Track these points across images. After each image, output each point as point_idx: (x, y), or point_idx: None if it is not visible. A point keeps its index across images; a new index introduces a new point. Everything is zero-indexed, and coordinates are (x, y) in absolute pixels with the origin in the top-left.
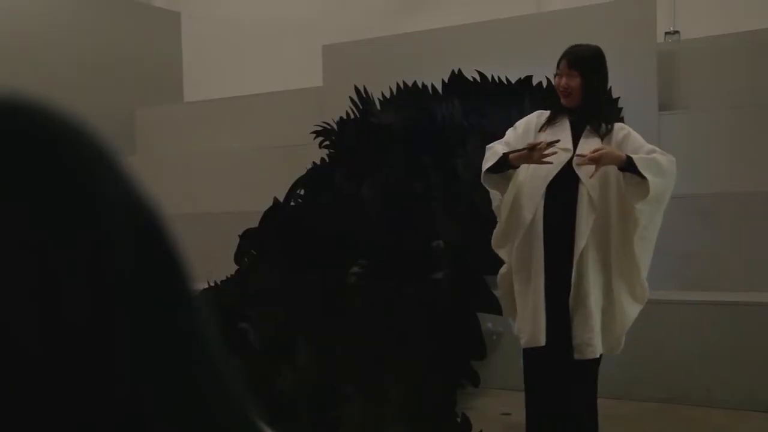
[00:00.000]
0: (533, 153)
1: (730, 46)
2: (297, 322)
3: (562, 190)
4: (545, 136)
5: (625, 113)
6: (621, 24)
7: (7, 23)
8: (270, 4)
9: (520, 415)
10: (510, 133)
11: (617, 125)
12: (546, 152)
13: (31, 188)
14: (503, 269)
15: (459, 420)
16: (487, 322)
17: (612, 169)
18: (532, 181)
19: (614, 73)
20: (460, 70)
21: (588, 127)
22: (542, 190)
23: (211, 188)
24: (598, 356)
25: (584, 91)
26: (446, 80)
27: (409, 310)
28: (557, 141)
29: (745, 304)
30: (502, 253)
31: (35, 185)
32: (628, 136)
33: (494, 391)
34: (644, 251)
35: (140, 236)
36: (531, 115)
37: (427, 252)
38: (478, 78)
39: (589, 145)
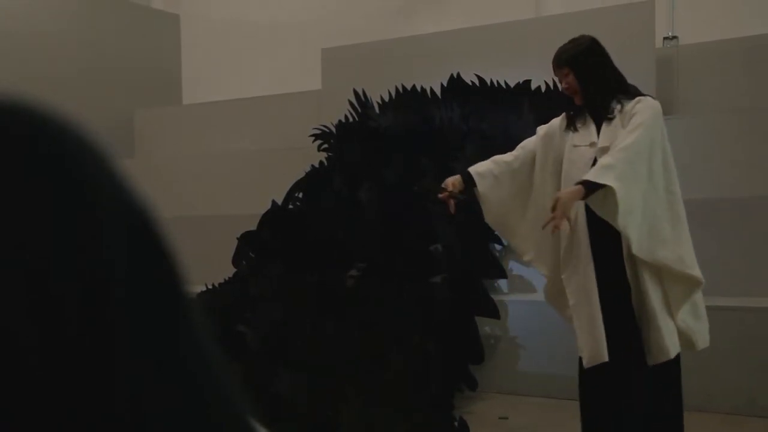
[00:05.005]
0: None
1: (729, 51)
2: (295, 325)
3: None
4: (573, 137)
5: None
6: (620, 29)
7: (6, 25)
8: (269, 7)
9: (517, 419)
10: (531, 138)
11: (635, 99)
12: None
13: (25, 189)
14: (546, 286)
15: (456, 424)
16: (485, 326)
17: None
18: (566, 185)
19: None
20: (459, 74)
21: (605, 117)
22: None
23: (210, 191)
24: (672, 357)
25: (582, 84)
26: (445, 84)
27: (407, 313)
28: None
29: (745, 309)
30: (533, 261)
31: (28, 186)
32: (627, 115)
33: (492, 395)
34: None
35: (135, 238)
36: (557, 118)
37: (425, 255)
38: (477, 82)
39: (607, 134)
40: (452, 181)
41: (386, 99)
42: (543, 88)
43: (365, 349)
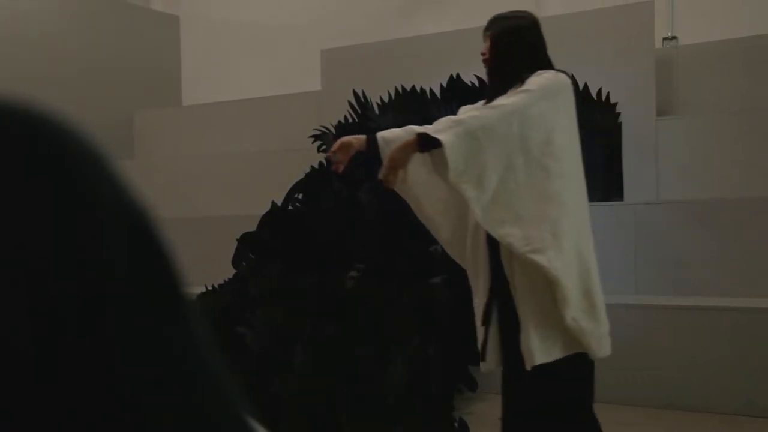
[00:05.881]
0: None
1: (728, 51)
2: (295, 326)
3: None
4: None
5: (623, 118)
6: (619, 30)
7: (7, 26)
8: (269, 8)
9: None
10: (452, 116)
11: (536, 73)
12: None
13: (25, 189)
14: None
15: (456, 424)
16: None
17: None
18: None
19: (613, 78)
20: (458, 75)
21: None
22: None
23: (210, 192)
24: (539, 362)
25: (492, 54)
26: (445, 85)
27: (407, 314)
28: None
29: (744, 310)
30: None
31: (28, 186)
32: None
33: (492, 396)
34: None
35: (134, 239)
36: (483, 100)
37: (425, 256)
38: (476, 83)
39: None
40: (351, 141)
41: (386, 100)
42: None
43: (365, 349)
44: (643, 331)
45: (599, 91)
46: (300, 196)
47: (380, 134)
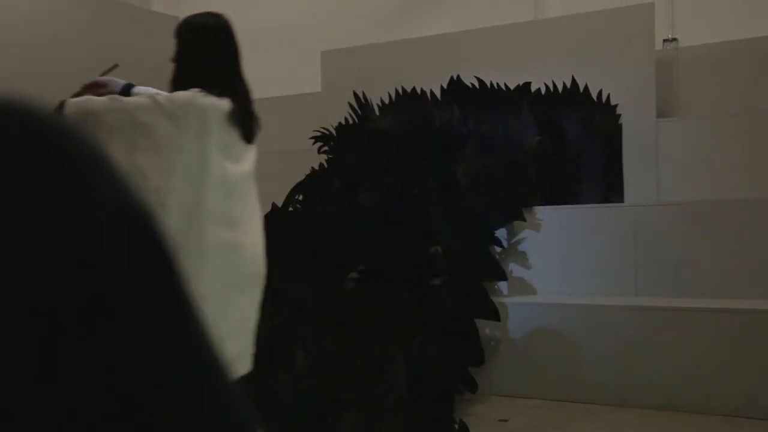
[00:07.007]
0: None
1: (728, 53)
2: (295, 328)
3: None
4: None
5: (623, 119)
6: (619, 31)
7: (6, 27)
8: (269, 10)
9: (517, 421)
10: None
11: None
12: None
13: (24, 189)
14: None
15: (456, 426)
16: (485, 328)
17: None
18: None
19: (613, 80)
20: (458, 77)
21: None
22: None
23: None
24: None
25: (177, 59)
26: (445, 86)
27: (407, 316)
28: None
29: (744, 311)
30: None
31: (28, 186)
32: None
33: (492, 398)
34: None
35: (135, 238)
36: None
37: (425, 258)
38: (476, 84)
39: None
40: (106, 81)
41: (386, 101)
42: (543, 91)
43: (365, 349)
44: (643, 332)
45: (600, 93)
46: (300, 197)
47: (136, 89)
